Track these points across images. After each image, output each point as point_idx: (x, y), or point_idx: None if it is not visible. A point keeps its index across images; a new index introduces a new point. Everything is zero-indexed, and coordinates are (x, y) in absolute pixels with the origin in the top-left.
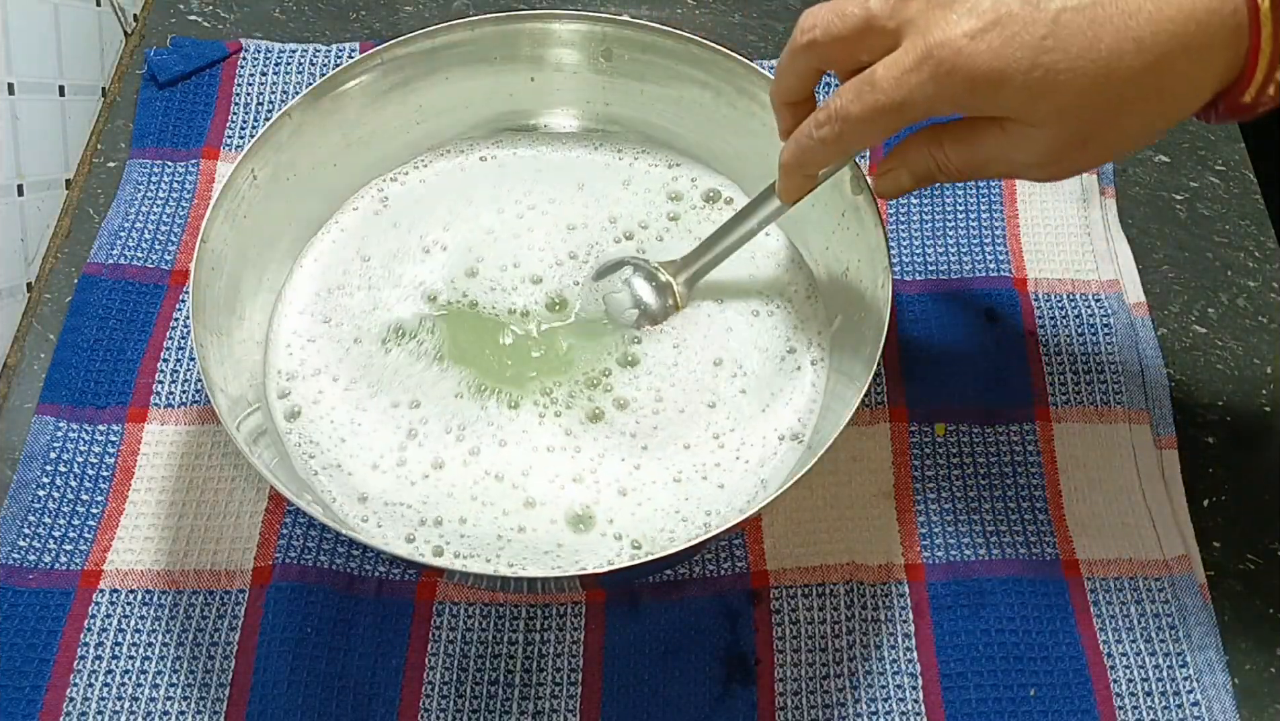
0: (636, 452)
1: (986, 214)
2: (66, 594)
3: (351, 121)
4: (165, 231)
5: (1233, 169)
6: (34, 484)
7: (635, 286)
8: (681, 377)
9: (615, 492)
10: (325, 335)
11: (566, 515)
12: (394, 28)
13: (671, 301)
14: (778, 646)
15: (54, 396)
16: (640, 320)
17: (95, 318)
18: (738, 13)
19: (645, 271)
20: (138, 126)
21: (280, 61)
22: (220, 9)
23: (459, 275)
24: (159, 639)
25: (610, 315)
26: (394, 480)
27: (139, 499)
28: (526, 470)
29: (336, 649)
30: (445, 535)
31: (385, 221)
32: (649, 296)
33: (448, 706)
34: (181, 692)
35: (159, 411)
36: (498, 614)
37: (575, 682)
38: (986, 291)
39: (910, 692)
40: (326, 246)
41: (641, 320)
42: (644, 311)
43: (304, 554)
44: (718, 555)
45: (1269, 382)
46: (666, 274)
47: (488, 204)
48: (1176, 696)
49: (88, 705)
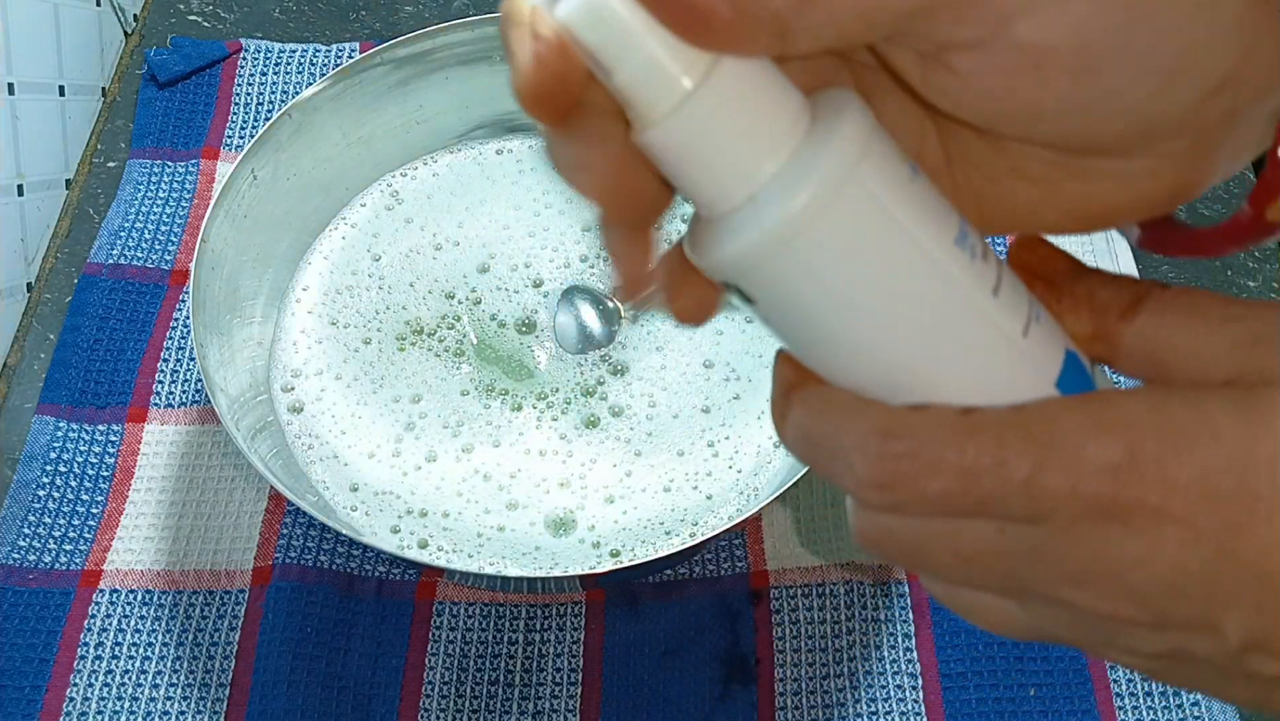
0: (629, 459)
1: None
2: (66, 594)
3: (352, 121)
4: (165, 231)
5: None
6: (34, 484)
7: (581, 313)
8: (672, 381)
9: (602, 500)
10: (333, 337)
11: (546, 519)
12: (394, 28)
13: (616, 327)
14: (778, 646)
15: (54, 396)
16: (585, 347)
17: (95, 317)
18: None
19: (592, 297)
20: (138, 126)
21: (280, 61)
22: (220, 9)
23: (471, 271)
24: (159, 639)
25: (559, 341)
26: (387, 470)
27: (139, 499)
28: (515, 472)
29: (336, 649)
30: (429, 527)
31: (397, 218)
32: (593, 323)
33: (448, 706)
34: (181, 692)
35: (159, 411)
36: (497, 613)
37: (575, 682)
38: None
39: (910, 692)
40: (336, 244)
41: (587, 347)
42: (589, 339)
43: (304, 554)
44: (718, 555)
45: None
46: (615, 300)
47: (504, 200)
48: (1177, 696)
49: (88, 705)
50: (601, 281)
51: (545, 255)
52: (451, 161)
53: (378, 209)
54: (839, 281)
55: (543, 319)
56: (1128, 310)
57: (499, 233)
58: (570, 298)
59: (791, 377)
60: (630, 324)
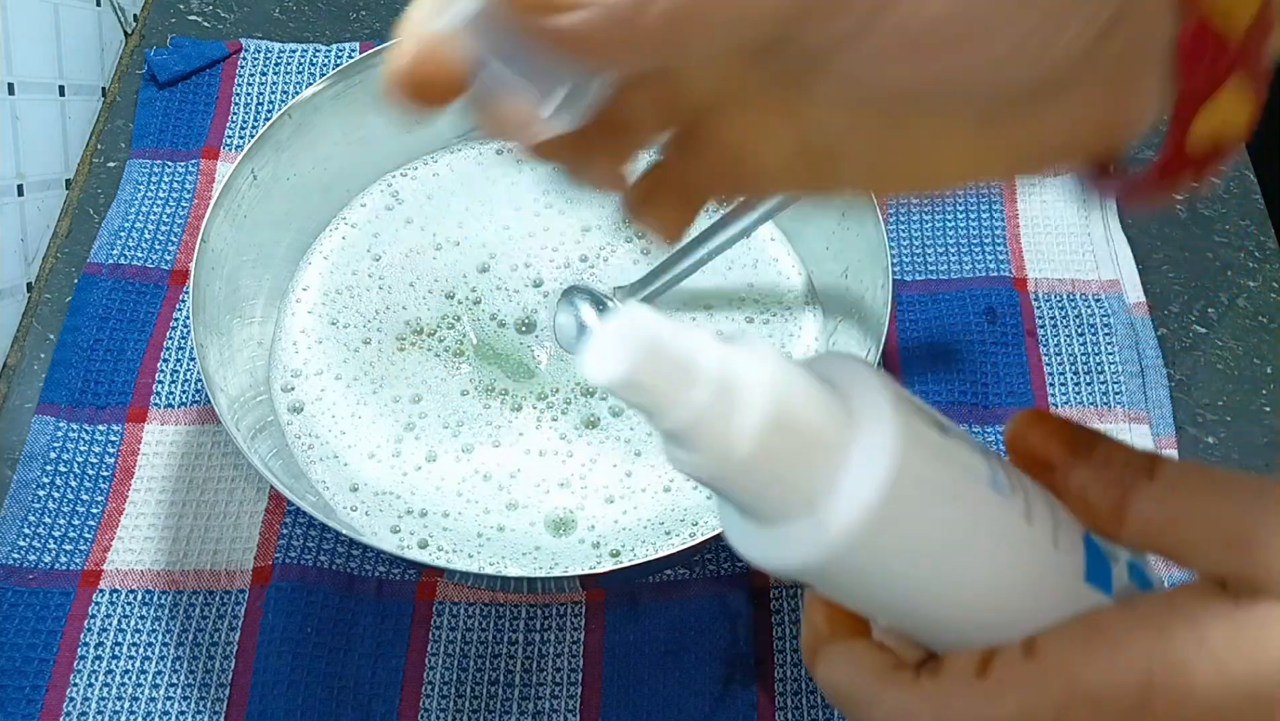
0: (629, 459)
1: (986, 214)
2: (66, 594)
3: (352, 121)
4: (165, 231)
5: (1233, 169)
6: (34, 484)
7: (581, 313)
8: None
9: (602, 500)
10: (333, 337)
11: (546, 519)
12: (394, 28)
13: None
14: (778, 646)
15: (54, 396)
16: None
17: (95, 317)
18: None
19: (592, 297)
20: (138, 126)
21: (280, 61)
22: (220, 9)
23: (471, 271)
24: (159, 639)
25: (559, 342)
26: (387, 470)
27: (139, 499)
28: (515, 472)
29: (336, 649)
30: (429, 527)
31: (397, 218)
32: (593, 323)
33: (448, 706)
34: (181, 692)
35: (159, 411)
36: (497, 614)
37: (575, 682)
38: (986, 291)
39: None
40: (336, 244)
41: None
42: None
43: (304, 554)
44: (718, 555)
45: (1269, 382)
46: (615, 300)
47: (505, 199)
48: None
49: (88, 705)
50: (601, 281)
51: (545, 255)
52: (451, 161)
53: (378, 209)
54: (894, 561)
55: (543, 319)
56: (1120, 504)
57: (499, 233)
58: (570, 298)
59: (823, 628)
60: None
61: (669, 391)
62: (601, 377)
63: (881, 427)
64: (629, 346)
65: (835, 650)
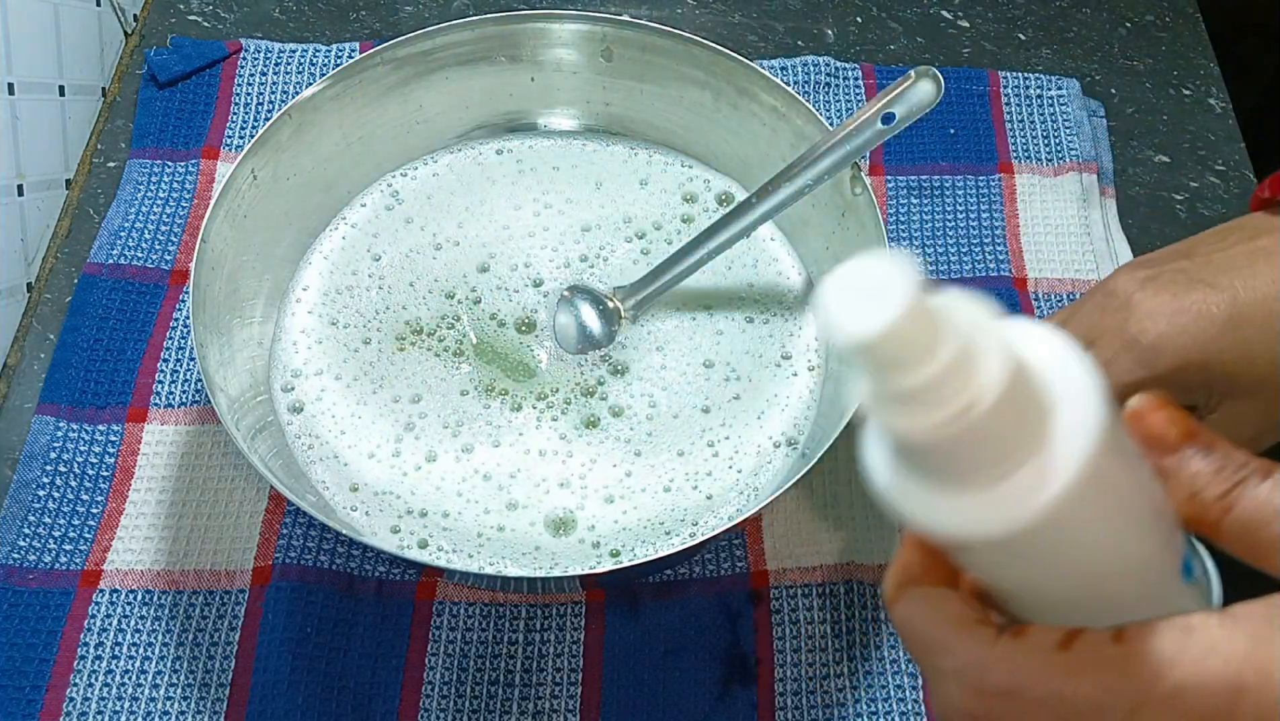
0: (629, 459)
1: (986, 214)
2: (66, 594)
3: (352, 121)
4: (165, 231)
5: (1233, 169)
6: (34, 484)
7: (581, 313)
8: (672, 380)
9: (602, 500)
10: (332, 337)
11: (546, 519)
12: (394, 28)
13: (616, 327)
14: (778, 646)
15: (54, 396)
16: (585, 347)
17: (95, 318)
18: (738, 13)
19: (592, 297)
20: (138, 126)
21: (280, 61)
22: (220, 9)
23: (471, 271)
24: (159, 639)
25: (559, 341)
26: (387, 470)
27: (139, 499)
28: (515, 472)
29: (336, 649)
30: (429, 527)
31: (397, 218)
32: (593, 323)
33: (448, 706)
34: (181, 692)
35: (159, 411)
36: (497, 613)
37: (575, 682)
38: (986, 291)
39: (910, 692)
40: (336, 244)
41: (587, 347)
42: (588, 338)
43: (304, 554)
44: (718, 555)
45: None
46: (615, 300)
47: (504, 200)
48: None
49: (88, 705)
50: (601, 281)
51: (545, 255)
52: (451, 161)
53: (378, 209)
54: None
55: (543, 319)
56: (1229, 496)
57: (499, 233)
58: (570, 298)
59: (914, 570)
60: (630, 324)
61: (927, 344)
62: (859, 330)
63: (1087, 393)
64: (890, 297)
65: (921, 592)
